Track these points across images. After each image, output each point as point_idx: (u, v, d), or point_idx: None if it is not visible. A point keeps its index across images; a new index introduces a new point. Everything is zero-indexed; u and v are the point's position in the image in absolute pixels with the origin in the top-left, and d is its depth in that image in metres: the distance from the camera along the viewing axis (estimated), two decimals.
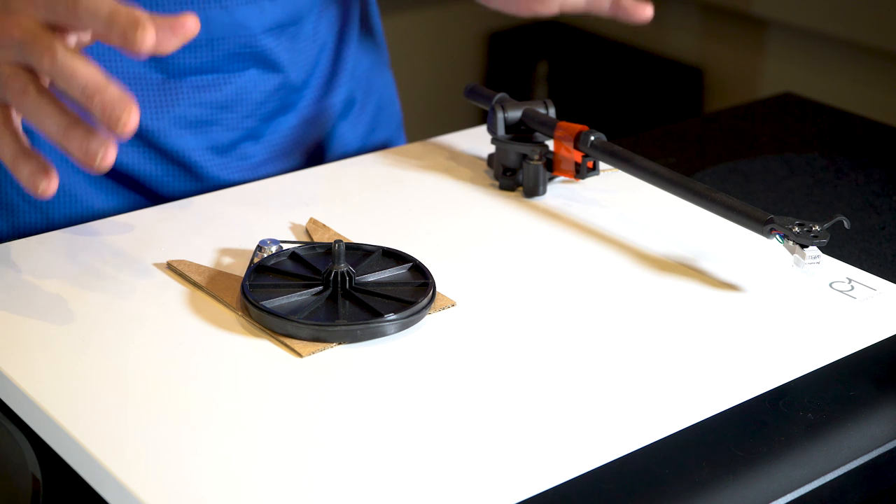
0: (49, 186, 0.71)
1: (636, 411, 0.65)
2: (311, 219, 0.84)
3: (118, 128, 0.67)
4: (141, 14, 0.67)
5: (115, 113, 0.67)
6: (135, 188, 0.93)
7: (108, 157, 0.68)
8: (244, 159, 0.96)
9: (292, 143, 0.99)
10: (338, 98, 1.02)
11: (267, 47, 0.94)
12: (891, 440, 0.70)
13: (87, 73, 0.68)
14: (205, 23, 0.90)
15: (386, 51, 1.10)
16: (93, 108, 0.67)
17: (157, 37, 0.68)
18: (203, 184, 0.94)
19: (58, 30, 0.71)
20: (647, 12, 0.95)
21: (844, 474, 0.68)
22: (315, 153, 1.01)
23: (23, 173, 0.71)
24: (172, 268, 0.77)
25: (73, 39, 0.73)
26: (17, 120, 0.73)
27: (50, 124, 0.69)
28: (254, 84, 0.95)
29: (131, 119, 0.67)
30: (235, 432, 0.63)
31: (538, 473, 0.61)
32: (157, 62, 0.91)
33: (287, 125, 0.98)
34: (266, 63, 0.95)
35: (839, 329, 0.74)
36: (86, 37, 0.73)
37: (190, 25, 0.69)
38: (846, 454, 0.69)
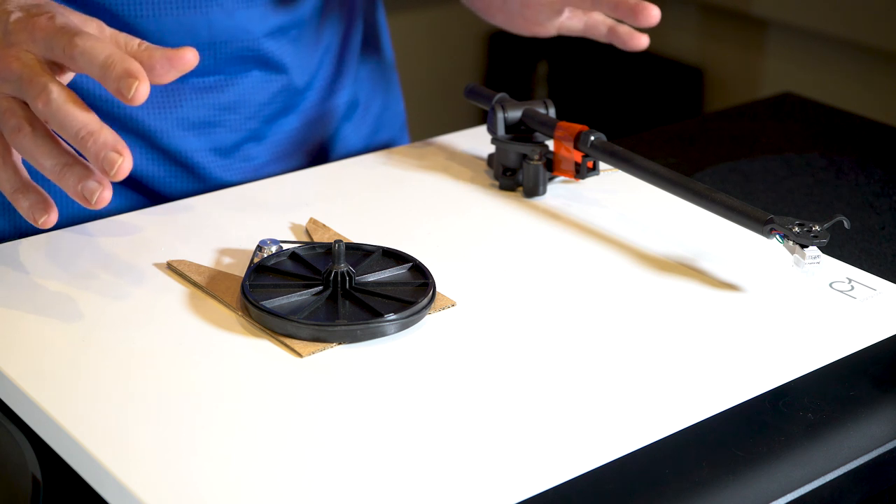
0: (48, 219, 0.73)
1: (636, 411, 0.65)
2: (311, 219, 0.84)
3: (112, 171, 0.68)
4: (136, 67, 0.68)
5: (108, 157, 0.68)
6: (137, 189, 0.93)
7: (103, 196, 0.70)
8: (247, 160, 0.96)
9: (295, 145, 0.99)
10: (341, 100, 1.02)
11: (269, 50, 0.94)
12: (891, 440, 0.70)
13: (81, 118, 0.69)
14: (206, 25, 0.90)
15: (391, 52, 1.10)
16: (86, 152, 0.69)
17: (156, 69, 0.70)
18: (206, 185, 0.94)
19: (56, 66, 0.72)
20: (643, 41, 0.96)
21: (844, 474, 0.68)
22: (318, 154, 1.01)
23: (22, 206, 0.73)
24: (172, 268, 0.77)
25: (69, 76, 0.74)
26: (17, 153, 0.73)
27: (46, 163, 0.71)
28: (257, 86, 0.95)
29: (125, 163, 0.68)
30: (235, 432, 0.63)
31: (538, 473, 0.61)
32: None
33: (290, 126, 0.98)
34: (269, 65, 0.95)
35: (839, 329, 0.74)
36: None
37: (188, 58, 0.70)
38: (846, 454, 0.69)
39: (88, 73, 0.69)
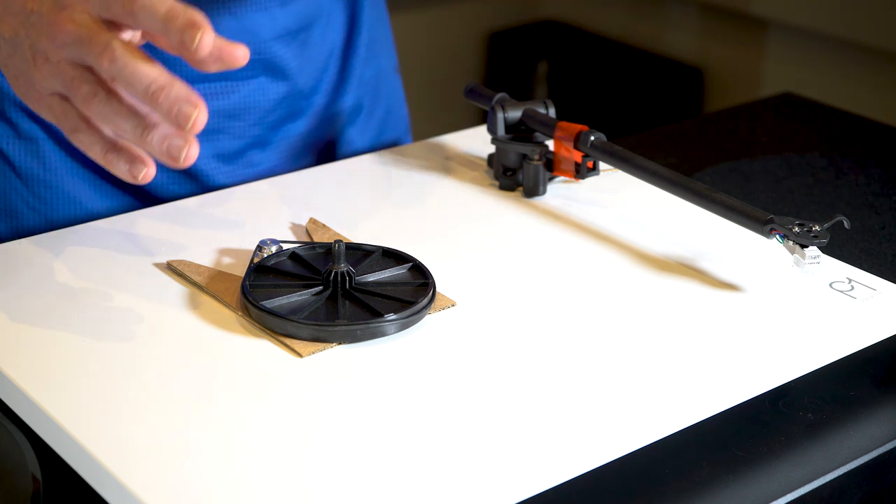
0: (148, 172, 0.70)
1: (636, 411, 0.65)
2: (311, 219, 0.84)
3: (187, 126, 0.65)
4: (199, 17, 0.65)
5: (183, 111, 0.65)
6: (139, 194, 0.92)
7: (190, 154, 0.67)
8: (251, 167, 0.96)
9: (300, 150, 0.98)
10: (346, 104, 1.01)
11: (276, 54, 0.93)
12: (891, 440, 0.70)
13: (150, 72, 0.66)
14: (213, 28, 0.89)
15: (395, 55, 1.10)
16: (158, 107, 0.66)
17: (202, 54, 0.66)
18: (209, 191, 0.93)
19: (113, 25, 0.69)
20: None
21: (844, 474, 0.68)
22: (323, 159, 1.01)
23: (120, 168, 0.70)
24: (172, 268, 0.77)
25: (127, 35, 0.71)
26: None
27: (126, 125, 0.68)
28: (262, 92, 0.94)
29: (200, 116, 0.65)
30: (235, 432, 0.63)
31: (538, 473, 0.61)
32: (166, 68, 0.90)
33: (296, 131, 0.98)
34: (275, 70, 0.94)
35: (839, 329, 0.74)
36: (136, 37, 0.72)
37: (238, 55, 0.67)
38: (846, 454, 0.69)
39: (149, 29, 0.66)
